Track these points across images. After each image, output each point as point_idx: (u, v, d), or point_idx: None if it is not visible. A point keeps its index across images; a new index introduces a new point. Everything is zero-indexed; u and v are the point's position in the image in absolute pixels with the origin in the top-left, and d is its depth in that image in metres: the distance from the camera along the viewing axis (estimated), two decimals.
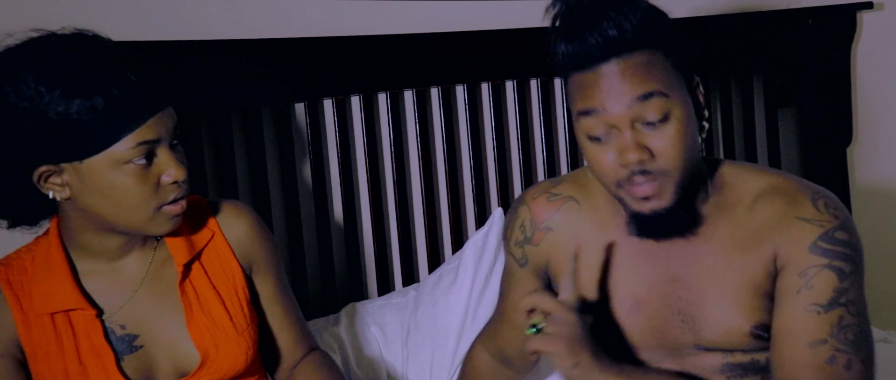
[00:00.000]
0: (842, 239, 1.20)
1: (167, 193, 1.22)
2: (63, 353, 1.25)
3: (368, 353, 1.78)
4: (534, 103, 2.07)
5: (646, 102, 1.16)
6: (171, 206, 1.23)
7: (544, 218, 1.36)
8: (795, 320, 1.19)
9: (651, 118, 1.16)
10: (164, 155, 1.21)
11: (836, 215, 1.22)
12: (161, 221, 1.24)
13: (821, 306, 1.19)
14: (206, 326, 1.31)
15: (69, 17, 1.24)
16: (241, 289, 1.36)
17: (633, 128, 1.17)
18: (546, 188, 1.38)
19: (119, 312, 1.29)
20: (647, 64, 1.17)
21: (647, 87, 1.16)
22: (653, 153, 1.17)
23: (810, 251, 1.20)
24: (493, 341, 1.51)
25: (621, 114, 1.16)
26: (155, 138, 1.19)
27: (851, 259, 1.21)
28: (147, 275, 1.30)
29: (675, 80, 1.19)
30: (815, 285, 1.19)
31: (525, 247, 1.38)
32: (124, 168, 1.18)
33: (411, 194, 1.95)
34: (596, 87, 1.17)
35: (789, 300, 1.21)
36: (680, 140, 1.17)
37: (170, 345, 1.30)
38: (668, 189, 1.19)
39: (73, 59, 1.16)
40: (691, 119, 1.20)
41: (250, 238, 1.38)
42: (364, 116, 1.86)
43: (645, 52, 1.17)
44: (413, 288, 1.89)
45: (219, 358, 1.30)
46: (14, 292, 1.26)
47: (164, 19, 1.69)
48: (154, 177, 1.21)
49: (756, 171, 1.30)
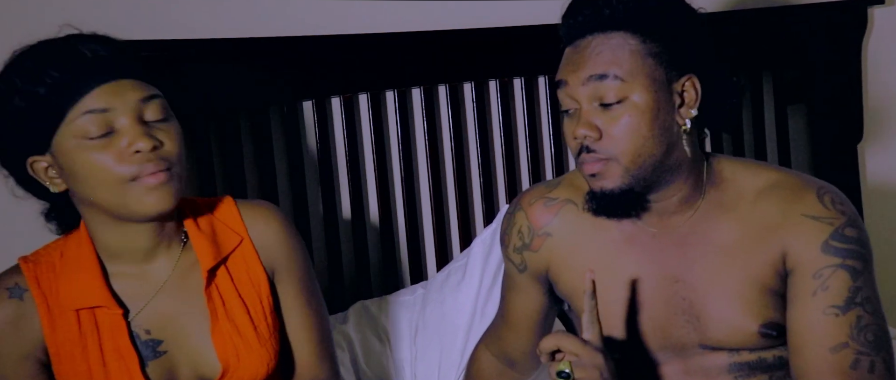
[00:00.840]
0: (852, 236, 1.20)
1: (132, 163, 1.18)
2: (86, 353, 1.25)
3: (377, 351, 1.78)
4: (542, 101, 2.06)
5: (601, 81, 1.19)
6: (147, 178, 1.19)
7: (542, 223, 1.35)
8: (815, 324, 1.19)
9: (605, 99, 1.19)
10: (124, 127, 1.18)
11: (844, 212, 1.21)
12: (139, 196, 1.19)
13: (838, 308, 1.18)
14: (230, 334, 1.29)
15: (75, 17, 1.26)
16: (266, 296, 1.33)
17: (591, 105, 1.20)
18: (542, 193, 1.37)
19: (144, 315, 1.27)
20: (617, 46, 1.19)
21: (604, 68, 1.19)
22: (601, 133, 1.19)
23: (823, 251, 1.19)
24: (496, 343, 1.51)
25: (578, 89, 1.20)
26: (104, 107, 1.18)
27: (862, 256, 1.20)
28: (171, 278, 1.29)
29: (647, 67, 1.19)
30: (831, 285, 1.18)
31: (524, 253, 1.37)
32: (85, 143, 1.18)
33: (419, 192, 1.95)
34: (568, 60, 1.23)
35: (806, 303, 1.20)
36: (632, 126, 1.18)
37: (193, 352, 1.29)
38: (614, 171, 1.20)
39: (33, 52, 1.20)
40: (657, 111, 1.19)
41: (276, 243, 1.34)
42: (372, 114, 1.86)
43: (622, 34, 1.20)
44: (421, 286, 1.88)
45: (239, 369, 1.29)
46: (42, 289, 1.25)
47: (171, 18, 1.69)
48: (116, 148, 1.18)
49: (755, 166, 1.30)
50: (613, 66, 1.19)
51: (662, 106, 1.20)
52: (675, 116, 1.22)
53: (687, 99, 1.22)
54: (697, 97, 1.23)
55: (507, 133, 2.01)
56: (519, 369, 1.51)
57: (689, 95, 1.22)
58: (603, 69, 1.19)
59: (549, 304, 1.43)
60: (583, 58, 1.20)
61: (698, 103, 1.22)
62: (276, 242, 1.35)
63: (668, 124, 1.20)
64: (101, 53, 1.19)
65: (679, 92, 1.22)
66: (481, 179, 1.99)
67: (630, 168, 1.19)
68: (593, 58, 1.19)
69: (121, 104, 1.19)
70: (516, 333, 1.46)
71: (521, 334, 1.45)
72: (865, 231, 1.23)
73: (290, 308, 1.37)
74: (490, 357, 1.53)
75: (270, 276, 1.34)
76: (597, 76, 1.19)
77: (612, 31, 1.20)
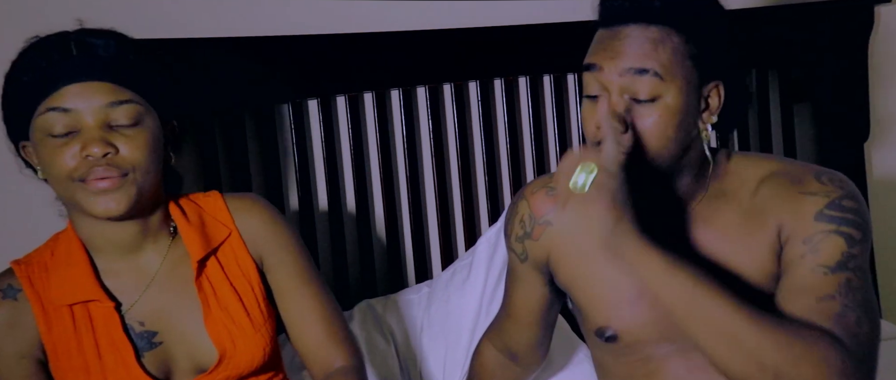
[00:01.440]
0: (849, 207, 1.17)
1: (83, 165, 1.20)
2: (82, 348, 1.26)
3: (382, 350, 1.78)
4: (547, 99, 2.06)
5: (639, 76, 1.15)
6: (95, 181, 1.20)
7: (544, 212, 1.35)
8: (800, 279, 1.15)
9: (640, 95, 1.16)
10: (86, 129, 1.20)
11: (842, 186, 1.19)
12: (86, 197, 1.21)
13: (828, 268, 1.15)
14: (224, 322, 1.31)
15: (80, 16, 1.28)
16: (257, 284, 1.35)
17: (621, 97, 1.17)
18: (545, 182, 1.37)
19: (137, 308, 1.29)
20: (659, 41, 1.16)
21: (645, 63, 1.15)
22: (627, 128, 1.16)
23: (816, 219, 1.17)
24: (500, 337, 1.51)
25: (612, 78, 1.17)
26: (66, 107, 1.20)
27: (860, 227, 1.17)
28: (161, 270, 1.31)
29: (685, 69, 1.17)
30: (822, 249, 1.16)
31: (525, 242, 1.37)
32: (48, 140, 1.21)
33: (424, 191, 1.95)
34: (604, 45, 1.18)
35: (794, 266, 1.17)
36: (659, 128, 1.16)
37: (188, 341, 1.31)
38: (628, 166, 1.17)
39: (35, 41, 1.24)
40: (685, 114, 1.17)
41: (262, 232, 1.37)
42: (376, 113, 1.86)
43: (664, 29, 1.16)
44: (426, 284, 1.89)
45: (236, 355, 1.30)
46: (35, 289, 1.27)
47: (179, 18, 1.70)
48: (71, 148, 1.20)
49: (758, 157, 1.29)
50: (654, 63, 1.15)
51: (690, 109, 1.18)
52: (698, 121, 1.20)
53: (711, 105, 1.21)
54: (720, 105, 1.21)
55: (512, 132, 2.01)
56: (522, 364, 1.51)
57: (713, 101, 1.21)
58: (644, 63, 1.15)
59: (552, 297, 1.43)
60: (622, 46, 1.16)
61: (719, 110, 1.21)
62: (261, 231, 1.36)
63: (689, 127, 1.19)
64: (85, 51, 1.21)
65: (705, 97, 1.20)
66: (486, 178, 1.99)
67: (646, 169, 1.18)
68: (634, 49, 1.15)
69: (85, 106, 1.20)
70: (519, 326, 1.46)
71: (523, 327, 1.45)
72: (866, 209, 1.20)
73: (285, 297, 1.38)
74: (493, 351, 1.53)
75: (259, 265, 1.36)
76: (636, 70, 1.15)
77: (655, 25, 1.16)
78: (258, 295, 1.35)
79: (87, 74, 1.21)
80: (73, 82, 1.20)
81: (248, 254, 1.35)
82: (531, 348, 1.48)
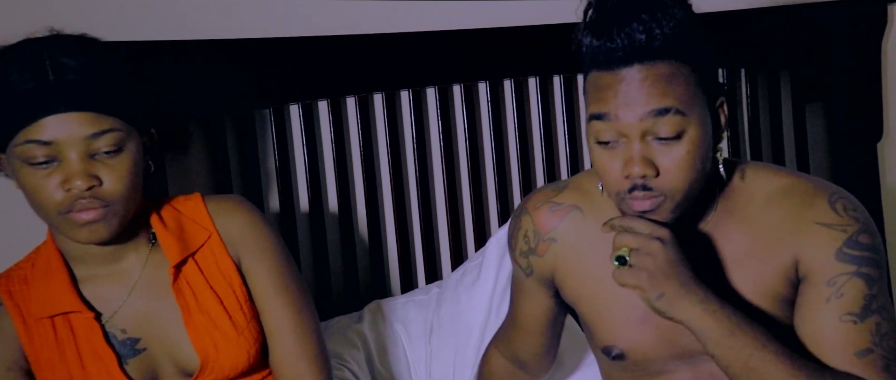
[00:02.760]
0: (866, 243, 1.17)
1: (65, 198, 1.18)
2: (65, 359, 1.26)
3: (392, 350, 1.78)
4: (557, 100, 2.06)
5: (661, 117, 1.10)
6: (78, 213, 1.18)
7: (548, 228, 1.33)
8: (831, 330, 1.16)
9: (664, 134, 1.11)
10: (68, 161, 1.17)
11: (856, 218, 1.18)
12: (70, 226, 1.19)
13: (855, 315, 1.16)
14: (205, 327, 1.29)
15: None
16: (238, 286, 1.33)
17: (644, 140, 1.12)
18: (548, 197, 1.34)
19: (119, 315, 1.29)
20: (670, 76, 1.11)
21: (665, 102, 1.10)
22: (658, 170, 1.12)
23: (837, 259, 1.16)
24: (507, 346, 1.50)
25: (633, 124, 1.11)
26: (46, 140, 1.16)
27: (877, 264, 1.18)
28: (141, 277, 1.30)
29: (697, 97, 1.13)
30: (846, 293, 1.16)
31: (530, 257, 1.36)
32: (28, 168, 1.18)
33: (434, 192, 1.95)
34: (612, 91, 1.12)
35: (819, 310, 1.17)
36: (689, 161, 1.12)
37: (171, 347, 1.30)
38: (666, 207, 1.14)
39: (14, 50, 1.19)
40: (706, 140, 1.14)
41: (240, 233, 1.34)
42: (387, 114, 1.86)
43: (671, 63, 1.11)
44: (436, 285, 1.88)
45: (219, 359, 1.29)
46: (15, 302, 1.27)
47: (189, 19, 1.70)
48: (53, 179, 1.17)
49: (765, 170, 1.26)
50: (673, 100, 1.10)
51: (710, 135, 1.15)
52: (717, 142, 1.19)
53: (722, 122, 1.19)
54: (727, 119, 1.19)
55: (521, 132, 2.01)
56: (530, 372, 1.50)
57: (721, 118, 1.19)
58: (663, 103, 1.10)
59: (558, 309, 1.42)
60: (634, 90, 1.10)
61: (727, 124, 1.19)
62: (240, 233, 1.34)
63: (710, 153, 1.17)
64: (60, 74, 1.17)
65: (716, 116, 1.18)
66: (496, 179, 1.99)
67: (682, 204, 1.15)
68: (650, 90, 1.10)
69: (66, 139, 1.17)
70: (525, 335, 1.45)
71: (530, 336, 1.45)
72: (879, 237, 1.20)
73: (259, 304, 1.35)
74: (501, 359, 1.52)
75: (238, 266, 1.34)
76: (657, 111, 1.10)
77: (661, 61, 1.10)
78: (240, 297, 1.33)
79: (66, 105, 1.16)
80: (51, 113, 1.16)
81: (228, 255, 1.33)
82: (539, 357, 1.47)
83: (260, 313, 1.35)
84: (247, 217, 1.35)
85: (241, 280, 1.34)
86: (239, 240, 1.34)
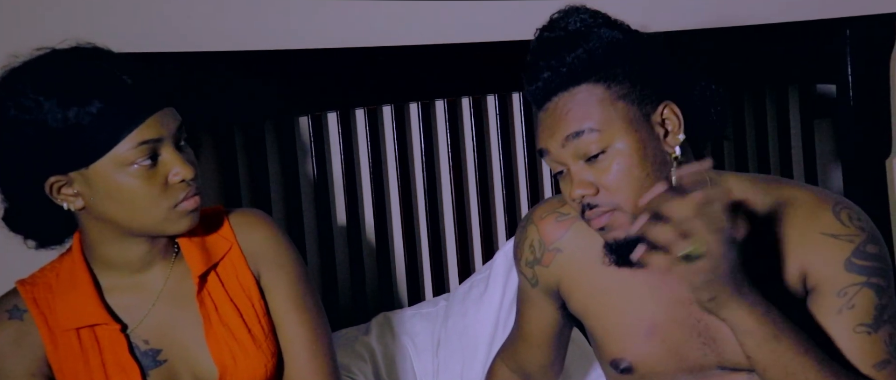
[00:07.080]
0: (873, 253, 1.18)
1: (177, 191, 1.22)
2: (89, 369, 1.26)
3: (399, 363, 1.78)
4: None
5: (578, 139, 1.17)
6: (184, 202, 1.23)
7: (553, 239, 1.34)
8: (846, 341, 1.17)
9: (590, 153, 1.17)
10: (168, 154, 1.21)
11: (862, 228, 1.19)
12: (176, 219, 1.23)
13: (868, 326, 1.16)
14: (225, 339, 1.30)
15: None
16: (257, 300, 1.34)
17: (577, 163, 1.18)
18: (554, 207, 1.36)
19: (142, 326, 1.29)
20: (583, 100, 1.17)
21: (575, 126, 1.17)
22: (597, 188, 1.17)
23: (846, 269, 1.17)
24: (513, 358, 1.50)
25: (560, 152, 1.18)
26: (156, 137, 1.20)
27: (885, 273, 1.18)
28: (165, 287, 1.30)
29: (619, 111, 1.17)
30: (857, 303, 1.16)
31: (535, 268, 1.36)
32: (130, 170, 1.19)
33: (442, 204, 1.96)
34: (542, 126, 1.21)
35: (831, 321, 1.18)
36: (623, 172, 1.16)
37: (191, 358, 1.30)
38: (622, 221, 1.17)
39: (68, 69, 1.19)
40: (644, 149, 1.17)
41: (261, 247, 1.35)
42: (396, 126, 1.87)
43: (584, 86, 1.18)
44: (443, 298, 1.88)
45: (237, 372, 1.30)
46: (40, 309, 1.27)
47: (206, 30, 1.71)
48: (161, 177, 1.21)
49: (764, 182, 1.26)
50: (586, 120, 1.17)
51: (648, 142, 1.17)
52: (664, 147, 1.19)
53: (670, 127, 1.20)
54: (680, 122, 1.20)
55: (530, 145, 2.01)
56: None
57: (671, 122, 1.20)
58: (576, 126, 1.17)
59: (564, 320, 1.42)
60: (554, 120, 1.19)
61: (683, 127, 1.20)
62: (261, 247, 1.35)
63: (659, 158, 1.18)
64: (141, 84, 1.20)
65: (660, 123, 1.19)
66: (504, 191, 1.99)
67: (635, 213, 1.15)
68: (564, 118, 1.18)
69: (168, 133, 1.21)
70: (532, 347, 1.45)
71: (536, 348, 1.44)
72: (885, 246, 1.21)
73: (276, 319, 1.36)
74: (507, 372, 1.52)
75: (257, 280, 1.35)
76: (573, 135, 1.17)
77: (574, 86, 1.18)
78: (259, 311, 1.34)
79: (162, 102, 1.21)
80: (154, 112, 1.20)
81: (248, 269, 1.34)
82: (544, 369, 1.47)
83: (276, 327, 1.36)
84: (268, 232, 1.37)
85: (260, 294, 1.35)
86: (260, 254, 1.35)
